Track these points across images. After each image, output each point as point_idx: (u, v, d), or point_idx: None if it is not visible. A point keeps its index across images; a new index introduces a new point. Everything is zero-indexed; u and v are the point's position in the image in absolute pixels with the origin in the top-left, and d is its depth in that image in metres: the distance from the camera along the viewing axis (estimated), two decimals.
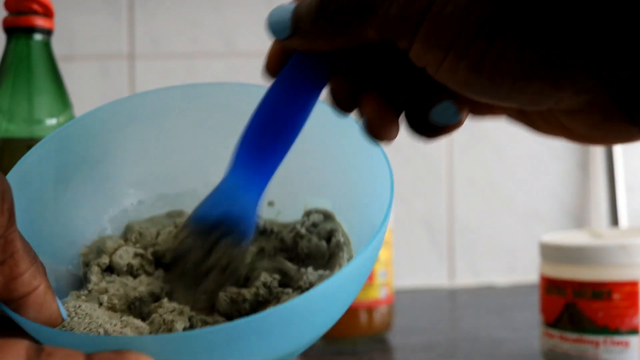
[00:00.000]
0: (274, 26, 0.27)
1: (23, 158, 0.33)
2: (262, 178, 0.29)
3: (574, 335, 0.49)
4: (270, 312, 0.25)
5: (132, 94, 0.92)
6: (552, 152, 0.95)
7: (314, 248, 0.35)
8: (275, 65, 0.29)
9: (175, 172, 0.39)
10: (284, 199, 0.38)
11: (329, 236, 0.35)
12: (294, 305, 0.25)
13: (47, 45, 0.44)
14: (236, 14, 0.94)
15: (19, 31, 0.43)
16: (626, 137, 0.24)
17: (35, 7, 0.43)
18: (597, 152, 0.95)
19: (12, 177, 0.31)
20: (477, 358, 0.56)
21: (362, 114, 0.28)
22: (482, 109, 0.28)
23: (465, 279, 0.94)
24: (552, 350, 0.50)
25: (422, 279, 0.93)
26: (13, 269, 0.26)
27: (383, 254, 0.62)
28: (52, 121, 0.43)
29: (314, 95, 0.28)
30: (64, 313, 0.28)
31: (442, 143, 0.95)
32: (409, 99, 0.27)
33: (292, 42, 0.27)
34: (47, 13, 0.44)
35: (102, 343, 0.25)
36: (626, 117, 0.23)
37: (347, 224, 0.36)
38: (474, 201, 0.94)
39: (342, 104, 0.28)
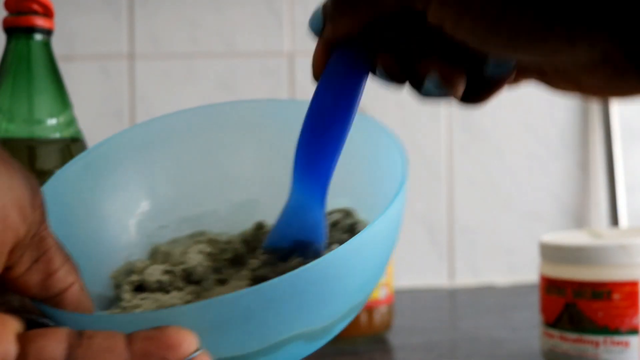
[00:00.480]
0: (311, 22, 0.29)
1: (46, 185, 0.33)
2: (322, 185, 0.29)
3: (574, 335, 0.49)
4: (325, 257, 0.24)
5: (132, 94, 0.93)
6: (552, 152, 0.95)
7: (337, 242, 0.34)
8: (319, 67, 0.30)
9: (194, 194, 0.39)
10: None
11: (352, 229, 0.35)
12: (347, 248, 0.25)
13: (47, 45, 0.44)
14: (236, 14, 0.94)
15: (19, 31, 0.43)
16: (637, 91, 0.24)
17: (35, 7, 0.43)
18: (597, 152, 0.95)
19: None
20: (477, 358, 0.56)
21: (429, 75, 0.28)
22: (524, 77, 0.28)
23: (465, 279, 0.94)
24: (552, 350, 0.50)
25: (422, 279, 0.93)
26: (48, 266, 0.26)
27: None
28: (52, 121, 0.43)
29: (359, 86, 0.29)
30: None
31: (442, 143, 0.95)
32: (459, 61, 0.28)
33: (326, 33, 0.29)
34: (47, 13, 0.44)
35: (141, 321, 0.24)
36: (638, 71, 0.23)
37: (368, 217, 0.35)
38: (474, 201, 0.94)
39: (396, 77, 0.29)
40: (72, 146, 0.44)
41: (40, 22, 0.43)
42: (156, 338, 0.23)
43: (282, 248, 0.30)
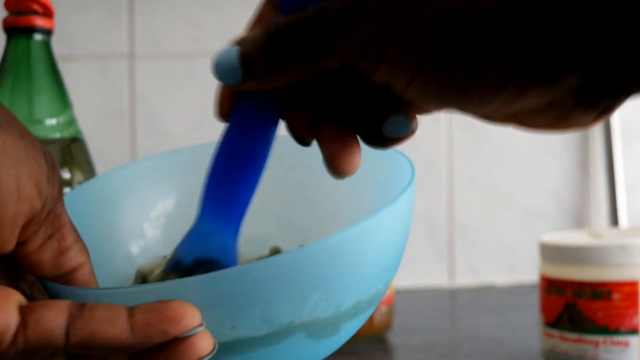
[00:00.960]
0: (222, 73, 0.26)
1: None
2: (234, 218, 0.28)
3: (574, 335, 0.49)
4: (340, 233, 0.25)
5: (132, 94, 0.93)
6: (552, 152, 0.95)
7: None
8: (227, 109, 0.28)
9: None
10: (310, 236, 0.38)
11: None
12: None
13: (47, 45, 0.44)
14: (236, 14, 0.94)
15: (19, 31, 0.43)
16: (585, 125, 0.24)
17: (35, 7, 0.43)
18: (597, 152, 0.95)
19: None
20: (477, 358, 0.56)
21: (322, 147, 0.28)
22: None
23: (465, 279, 0.93)
24: (552, 350, 0.50)
25: (422, 279, 0.93)
26: (61, 243, 0.26)
27: None
28: (52, 121, 0.43)
29: (272, 130, 0.28)
30: None
31: (442, 143, 0.95)
32: (361, 117, 0.27)
33: (246, 86, 0.26)
34: (47, 13, 0.44)
35: (145, 294, 0.24)
36: (587, 109, 0.23)
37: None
38: (474, 201, 0.94)
39: (302, 137, 0.28)
40: (72, 146, 0.44)
41: (40, 22, 0.43)
42: (158, 310, 0.23)
43: (185, 265, 0.29)
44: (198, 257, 0.28)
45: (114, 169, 0.37)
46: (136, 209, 0.37)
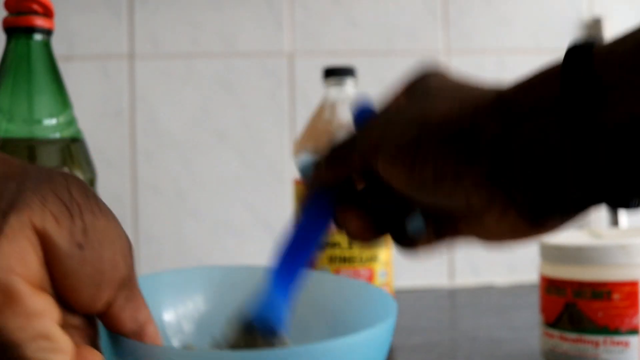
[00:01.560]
0: (301, 171, 0.37)
1: None
2: (289, 289, 0.36)
3: (573, 335, 0.49)
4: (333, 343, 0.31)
5: (132, 94, 0.93)
6: None
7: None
8: (303, 205, 0.37)
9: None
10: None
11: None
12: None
13: (47, 45, 0.44)
14: (236, 14, 0.94)
15: (19, 31, 0.43)
16: (527, 235, 0.31)
17: (35, 7, 0.43)
18: None
19: None
20: (477, 358, 0.56)
21: (347, 230, 0.36)
22: (448, 230, 0.35)
23: (465, 278, 0.93)
24: (552, 350, 0.50)
25: (422, 279, 0.93)
26: (136, 303, 0.30)
27: (383, 254, 0.62)
28: (52, 121, 0.43)
29: (324, 226, 0.37)
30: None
31: None
32: (392, 219, 0.35)
33: (311, 179, 0.36)
34: (47, 13, 0.44)
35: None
36: (527, 218, 0.29)
37: None
38: None
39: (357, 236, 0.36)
40: (72, 146, 0.44)
41: (40, 22, 0.43)
42: None
43: (246, 321, 0.36)
44: (262, 316, 0.36)
45: (159, 273, 0.45)
46: (177, 308, 0.44)
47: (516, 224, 0.29)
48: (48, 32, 0.44)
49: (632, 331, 0.47)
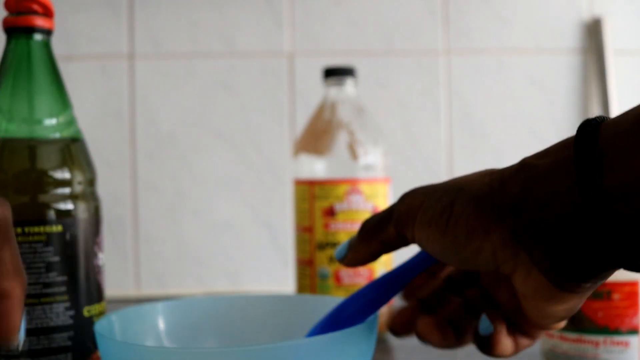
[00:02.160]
0: (337, 254, 0.39)
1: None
2: None
3: (573, 335, 0.49)
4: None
5: (132, 94, 0.93)
6: None
7: None
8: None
9: None
10: None
11: None
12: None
13: (47, 45, 0.44)
14: (235, 14, 0.94)
15: (19, 31, 0.43)
16: (554, 298, 0.31)
17: (35, 7, 0.43)
18: None
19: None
20: (477, 358, 0.56)
21: (421, 337, 0.37)
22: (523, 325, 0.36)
23: None
24: (552, 350, 0.50)
25: None
26: None
27: None
28: (51, 121, 0.43)
29: (373, 313, 0.39)
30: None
31: (442, 143, 0.95)
32: (464, 323, 0.37)
33: (346, 259, 0.38)
34: (47, 13, 0.44)
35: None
36: (551, 280, 0.30)
37: None
38: None
39: (400, 330, 0.39)
40: (72, 146, 0.43)
41: (40, 22, 0.43)
42: None
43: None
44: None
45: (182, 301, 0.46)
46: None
47: (541, 285, 0.31)
48: (48, 32, 0.44)
49: (632, 331, 0.47)
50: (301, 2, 0.94)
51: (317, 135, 0.65)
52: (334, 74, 0.67)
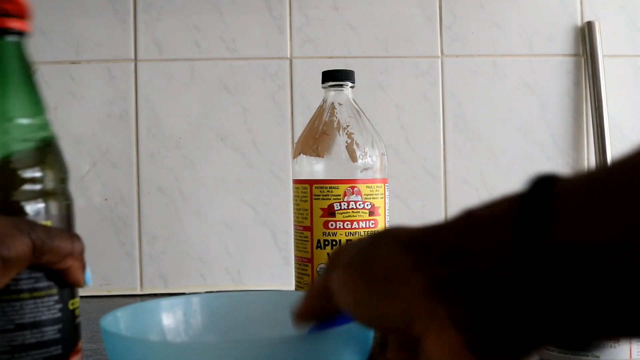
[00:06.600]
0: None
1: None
2: None
3: None
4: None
5: (136, 97, 0.92)
6: (545, 154, 0.95)
7: None
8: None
9: None
10: None
11: None
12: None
13: (20, 48, 0.43)
14: (237, 20, 0.93)
15: None
16: None
17: (9, 8, 0.41)
18: (592, 152, 0.94)
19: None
20: None
21: None
22: None
23: None
24: (550, 350, 0.50)
25: None
26: None
27: None
28: (25, 123, 0.40)
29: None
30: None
31: (437, 145, 0.94)
32: None
33: (299, 312, 0.35)
34: (22, 15, 0.42)
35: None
36: (468, 344, 0.25)
37: None
38: (469, 201, 0.93)
39: None
40: (45, 148, 0.42)
41: (13, 23, 0.41)
42: None
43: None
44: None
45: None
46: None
47: (455, 349, 0.25)
48: (22, 34, 0.43)
49: None
50: (301, 7, 0.94)
51: (316, 137, 0.64)
52: (333, 77, 0.66)
